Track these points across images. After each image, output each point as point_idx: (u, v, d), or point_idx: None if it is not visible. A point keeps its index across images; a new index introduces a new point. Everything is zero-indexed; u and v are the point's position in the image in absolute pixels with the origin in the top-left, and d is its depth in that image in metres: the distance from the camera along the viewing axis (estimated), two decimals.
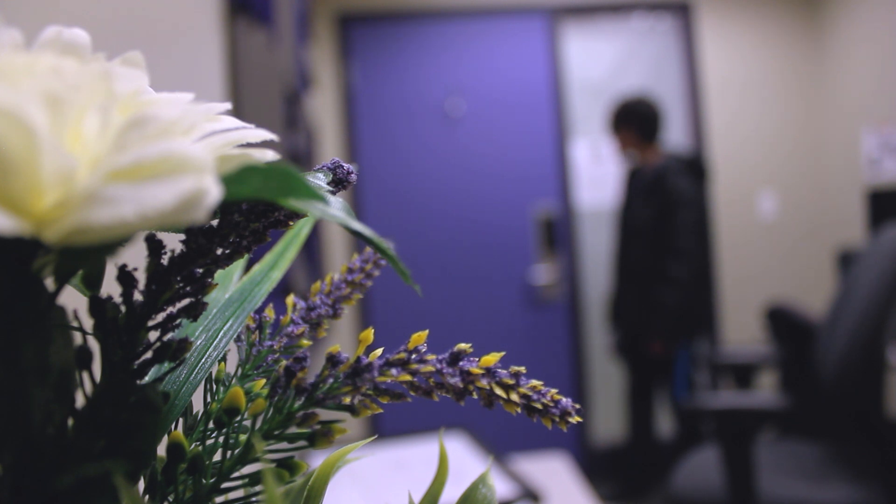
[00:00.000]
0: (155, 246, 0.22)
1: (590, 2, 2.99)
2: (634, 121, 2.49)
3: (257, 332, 0.28)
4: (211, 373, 0.25)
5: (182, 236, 0.22)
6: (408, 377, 0.22)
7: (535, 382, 0.22)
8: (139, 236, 0.17)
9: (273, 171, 0.17)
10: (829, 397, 1.58)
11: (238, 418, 0.23)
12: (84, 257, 0.18)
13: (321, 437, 0.22)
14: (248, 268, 0.29)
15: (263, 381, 0.26)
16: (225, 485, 0.23)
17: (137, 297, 0.21)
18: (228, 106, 0.21)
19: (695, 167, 2.52)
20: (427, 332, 0.22)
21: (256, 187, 0.17)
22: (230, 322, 0.26)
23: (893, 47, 2.66)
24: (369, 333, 0.23)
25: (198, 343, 0.25)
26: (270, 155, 0.21)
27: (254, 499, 0.24)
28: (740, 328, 3.06)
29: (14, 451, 0.18)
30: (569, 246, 2.91)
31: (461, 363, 0.22)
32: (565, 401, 0.22)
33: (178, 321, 0.22)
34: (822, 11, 3.09)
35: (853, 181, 2.92)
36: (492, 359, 0.22)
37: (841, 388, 1.55)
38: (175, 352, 0.22)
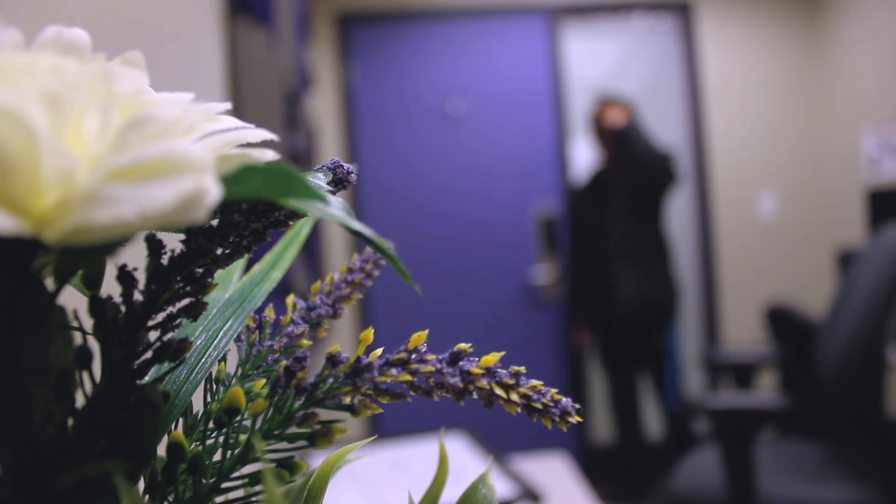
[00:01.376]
0: (155, 246, 0.22)
1: (590, 2, 2.99)
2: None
3: (257, 332, 0.28)
4: (211, 373, 0.25)
5: (182, 236, 0.22)
6: (408, 377, 0.22)
7: (535, 382, 0.22)
8: (139, 236, 0.17)
9: (273, 170, 0.17)
10: (829, 397, 1.58)
11: (238, 418, 0.23)
12: (84, 257, 0.18)
13: (321, 437, 0.22)
14: (248, 268, 0.29)
15: (263, 381, 0.26)
16: (225, 485, 0.23)
17: (137, 297, 0.21)
18: (228, 106, 0.21)
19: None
20: (427, 332, 0.22)
21: (256, 187, 0.17)
22: (230, 322, 0.26)
23: (893, 47, 2.66)
24: (369, 333, 0.23)
25: (198, 343, 0.25)
26: (270, 155, 0.21)
27: (254, 499, 0.24)
28: (740, 328, 3.06)
29: (14, 451, 0.18)
30: (569, 246, 2.91)
31: (461, 363, 0.22)
32: (565, 400, 0.22)
33: (178, 321, 0.22)
34: (822, 11, 3.09)
35: (853, 181, 2.92)
36: (492, 359, 0.22)
37: (841, 388, 1.55)
38: (175, 352, 0.22)
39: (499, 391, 0.22)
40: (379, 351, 0.22)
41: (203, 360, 0.25)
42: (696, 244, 3.09)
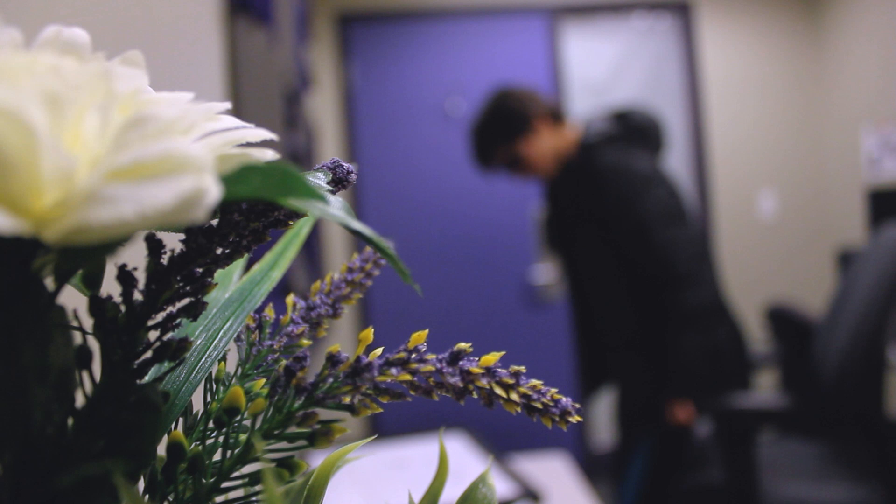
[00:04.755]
0: (155, 245, 0.22)
1: (590, 2, 2.99)
2: (510, 121, 1.69)
3: (257, 331, 0.28)
4: (211, 372, 0.25)
5: (182, 236, 0.22)
6: (408, 377, 0.22)
7: (534, 382, 0.22)
8: (139, 236, 0.17)
9: (273, 170, 0.17)
10: (830, 397, 1.58)
11: (238, 418, 0.23)
12: (84, 257, 0.18)
13: (321, 436, 0.22)
14: (248, 267, 0.29)
15: (263, 380, 0.26)
16: (225, 484, 0.23)
17: (137, 296, 0.21)
18: (228, 105, 0.21)
19: (636, 133, 1.67)
20: (427, 331, 0.22)
21: (256, 187, 0.17)
22: (230, 322, 0.26)
23: (893, 47, 2.66)
24: (369, 333, 0.22)
25: (198, 343, 0.25)
26: (270, 154, 0.21)
27: (254, 499, 0.24)
28: None
29: (14, 451, 0.18)
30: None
31: (461, 363, 0.22)
32: (565, 400, 0.22)
33: (178, 321, 0.22)
34: (822, 11, 3.09)
35: (853, 181, 2.92)
36: (492, 358, 0.22)
37: (841, 388, 1.55)
38: (175, 351, 0.22)
39: (499, 391, 0.22)
40: (379, 351, 0.22)
41: (203, 359, 0.25)
42: None
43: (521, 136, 1.68)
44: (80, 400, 0.20)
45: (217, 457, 0.24)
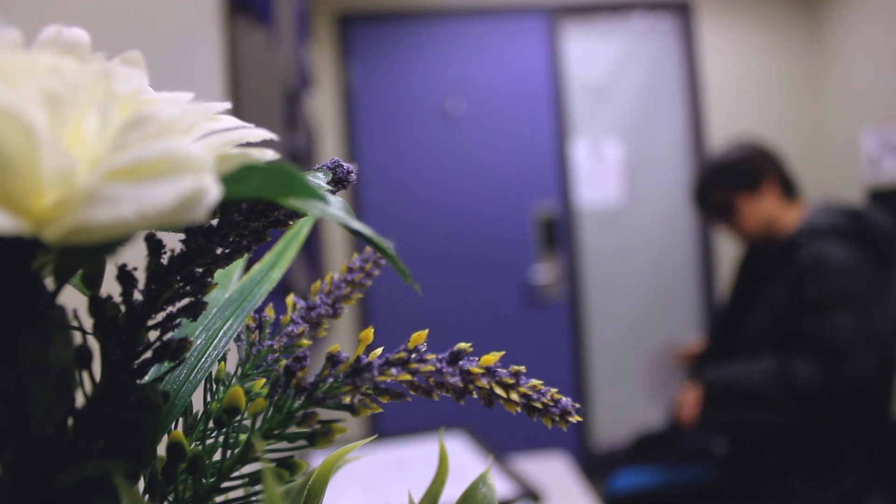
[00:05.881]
0: (155, 245, 0.22)
1: (590, 2, 2.99)
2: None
3: (257, 331, 0.28)
4: (211, 372, 0.25)
5: (182, 236, 0.22)
6: (408, 376, 0.22)
7: (534, 382, 0.22)
8: (139, 236, 0.17)
9: (273, 170, 0.17)
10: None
11: (238, 418, 0.23)
12: (84, 257, 0.18)
13: (321, 436, 0.22)
14: (247, 267, 0.29)
15: (263, 380, 0.26)
16: (225, 484, 0.23)
17: (137, 296, 0.21)
18: (228, 105, 0.21)
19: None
20: (427, 331, 0.22)
21: (256, 186, 0.17)
22: (230, 321, 0.26)
23: (894, 47, 2.66)
24: (369, 333, 0.22)
25: (198, 343, 0.25)
26: (270, 154, 0.21)
27: (254, 498, 0.24)
28: None
29: (14, 451, 0.18)
30: (569, 245, 2.91)
31: (461, 362, 0.22)
32: (565, 400, 0.22)
33: (177, 321, 0.22)
34: (821, 11, 3.09)
35: (853, 181, 2.92)
36: (491, 358, 0.22)
37: None
38: (175, 351, 0.22)
39: (499, 391, 0.22)
40: (379, 350, 0.22)
41: (203, 359, 0.25)
42: (696, 243, 3.09)
43: (744, 190, 1.67)
44: (80, 400, 0.20)
45: (217, 457, 0.24)
